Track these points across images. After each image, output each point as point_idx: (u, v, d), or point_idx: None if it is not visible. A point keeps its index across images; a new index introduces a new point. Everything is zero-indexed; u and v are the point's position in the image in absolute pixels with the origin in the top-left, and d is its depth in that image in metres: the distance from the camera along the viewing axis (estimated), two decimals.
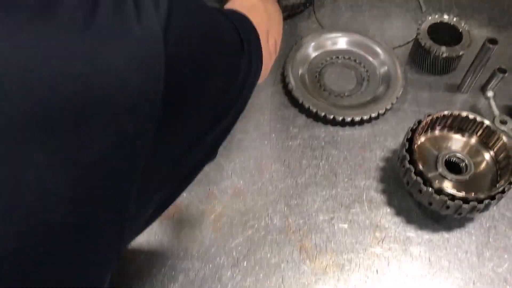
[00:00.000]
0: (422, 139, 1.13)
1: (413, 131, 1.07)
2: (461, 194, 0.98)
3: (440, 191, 0.99)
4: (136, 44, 0.46)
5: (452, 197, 0.99)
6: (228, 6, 0.90)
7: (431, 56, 1.30)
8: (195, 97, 0.56)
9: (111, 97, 0.43)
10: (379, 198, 1.14)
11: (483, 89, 1.29)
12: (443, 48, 1.28)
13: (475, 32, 1.44)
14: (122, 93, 0.44)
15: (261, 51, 0.78)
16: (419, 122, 1.08)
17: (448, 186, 1.02)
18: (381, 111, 1.22)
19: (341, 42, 1.38)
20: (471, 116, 1.10)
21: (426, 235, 1.09)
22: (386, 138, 1.23)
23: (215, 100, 0.63)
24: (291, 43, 1.40)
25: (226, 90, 0.66)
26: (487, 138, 1.11)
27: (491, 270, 1.05)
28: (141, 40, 0.46)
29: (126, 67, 0.44)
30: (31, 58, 0.39)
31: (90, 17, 0.43)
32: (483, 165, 1.11)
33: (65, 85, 0.40)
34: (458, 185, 1.07)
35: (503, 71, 1.22)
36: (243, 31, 0.72)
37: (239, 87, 0.70)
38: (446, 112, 1.10)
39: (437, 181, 1.00)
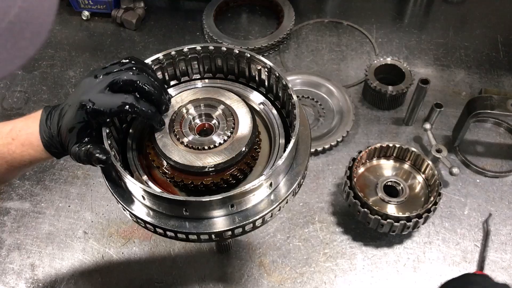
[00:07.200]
0: (362, 169, 1.31)
1: (353, 160, 1.24)
2: (393, 214, 1.15)
3: (375, 212, 1.16)
4: None
5: (385, 217, 1.15)
6: None
7: (378, 94, 1.48)
8: None
9: None
10: (329, 219, 1.30)
11: (425, 121, 1.47)
12: (389, 87, 1.47)
13: (422, 71, 1.63)
14: None
15: None
16: (359, 152, 1.26)
17: (389, 208, 1.19)
18: (333, 143, 1.40)
19: (301, 83, 1.57)
20: (397, 145, 1.27)
21: (370, 251, 1.25)
22: (338, 166, 1.41)
23: None
24: None
25: None
26: (417, 163, 1.28)
27: (427, 280, 1.21)
28: None
29: None
30: None
31: None
32: (417, 187, 1.28)
33: None
34: (399, 207, 1.23)
35: (439, 106, 1.40)
36: None
37: None
38: (377, 145, 1.27)
39: (377, 206, 1.17)
